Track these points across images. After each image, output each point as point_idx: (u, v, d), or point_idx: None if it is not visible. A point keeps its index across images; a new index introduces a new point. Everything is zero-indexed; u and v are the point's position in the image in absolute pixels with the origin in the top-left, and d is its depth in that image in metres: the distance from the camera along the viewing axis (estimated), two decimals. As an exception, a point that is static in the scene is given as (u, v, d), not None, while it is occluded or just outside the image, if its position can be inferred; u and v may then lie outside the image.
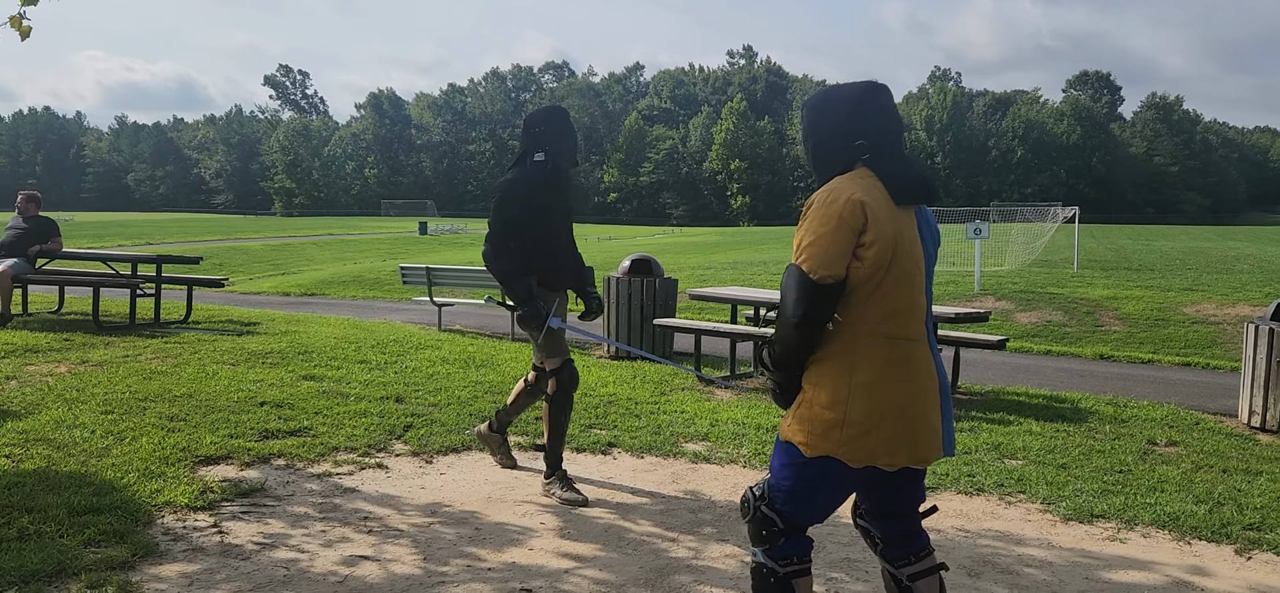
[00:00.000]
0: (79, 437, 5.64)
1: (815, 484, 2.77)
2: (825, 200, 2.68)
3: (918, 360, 2.75)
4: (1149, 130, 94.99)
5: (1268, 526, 4.79)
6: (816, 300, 2.64)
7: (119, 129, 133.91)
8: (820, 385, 2.72)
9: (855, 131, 2.78)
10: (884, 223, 2.66)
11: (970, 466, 5.77)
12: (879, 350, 2.70)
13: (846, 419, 2.68)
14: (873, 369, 2.69)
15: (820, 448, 2.71)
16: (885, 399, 2.69)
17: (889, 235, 2.66)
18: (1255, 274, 19.64)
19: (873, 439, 2.68)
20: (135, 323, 10.97)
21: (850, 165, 2.77)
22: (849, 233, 2.64)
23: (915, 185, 2.78)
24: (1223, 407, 8.27)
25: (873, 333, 2.70)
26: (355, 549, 4.16)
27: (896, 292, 2.70)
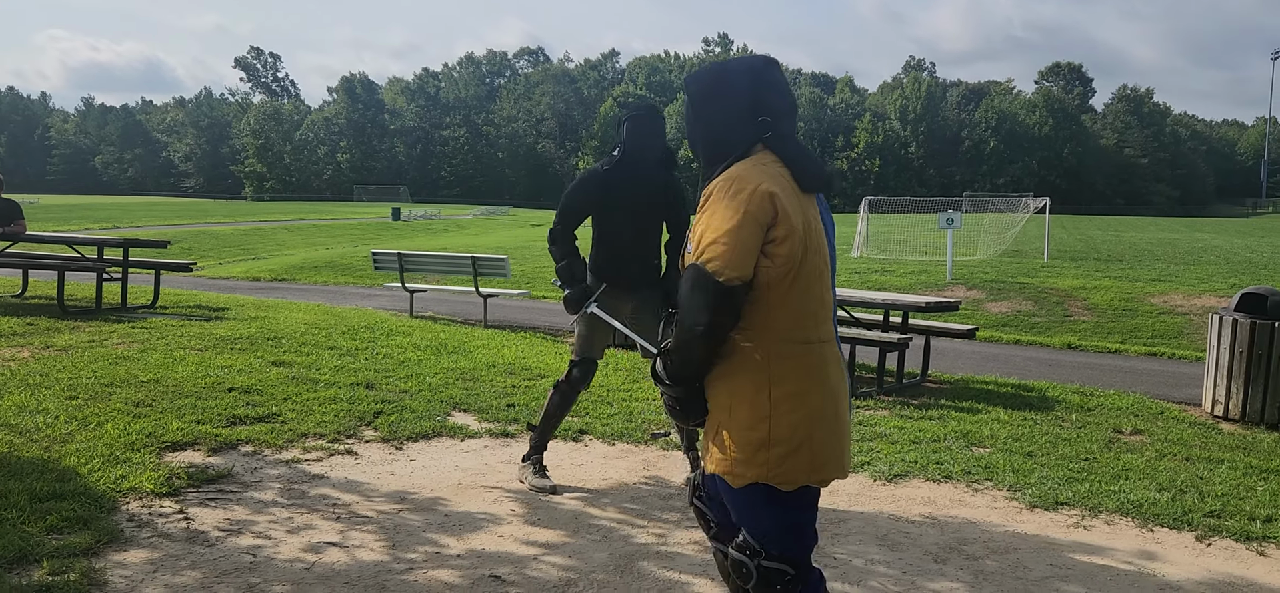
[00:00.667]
0: (42, 422, 5.57)
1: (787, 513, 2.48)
2: (729, 191, 2.36)
3: (833, 364, 2.49)
4: (1119, 122, 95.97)
5: (1228, 513, 4.87)
6: (724, 306, 2.32)
7: (86, 110, 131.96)
8: (735, 405, 2.43)
9: (758, 107, 2.48)
10: (794, 215, 2.38)
11: (939, 453, 5.82)
12: (796, 358, 2.42)
13: (772, 438, 2.40)
14: (793, 379, 2.41)
15: (747, 475, 2.42)
16: (811, 410, 2.42)
17: (799, 229, 2.38)
18: (1222, 266, 19.93)
19: (803, 456, 2.42)
20: (101, 307, 10.83)
21: (750, 147, 2.46)
22: (757, 228, 2.33)
23: (816, 170, 2.49)
24: (1187, 396, 8.39)
25: (788, 338, 2.42)
26: (322, 536, 4.14)
27: (810, 291, 2.44)
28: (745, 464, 2.41)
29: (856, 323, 8.82)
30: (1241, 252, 25.02)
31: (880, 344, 7.81)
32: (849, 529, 4.50)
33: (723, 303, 2.32)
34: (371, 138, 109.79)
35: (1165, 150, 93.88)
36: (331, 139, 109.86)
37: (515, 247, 25.57)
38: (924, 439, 6.17)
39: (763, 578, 2.49)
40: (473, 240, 31.27)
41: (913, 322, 8.88)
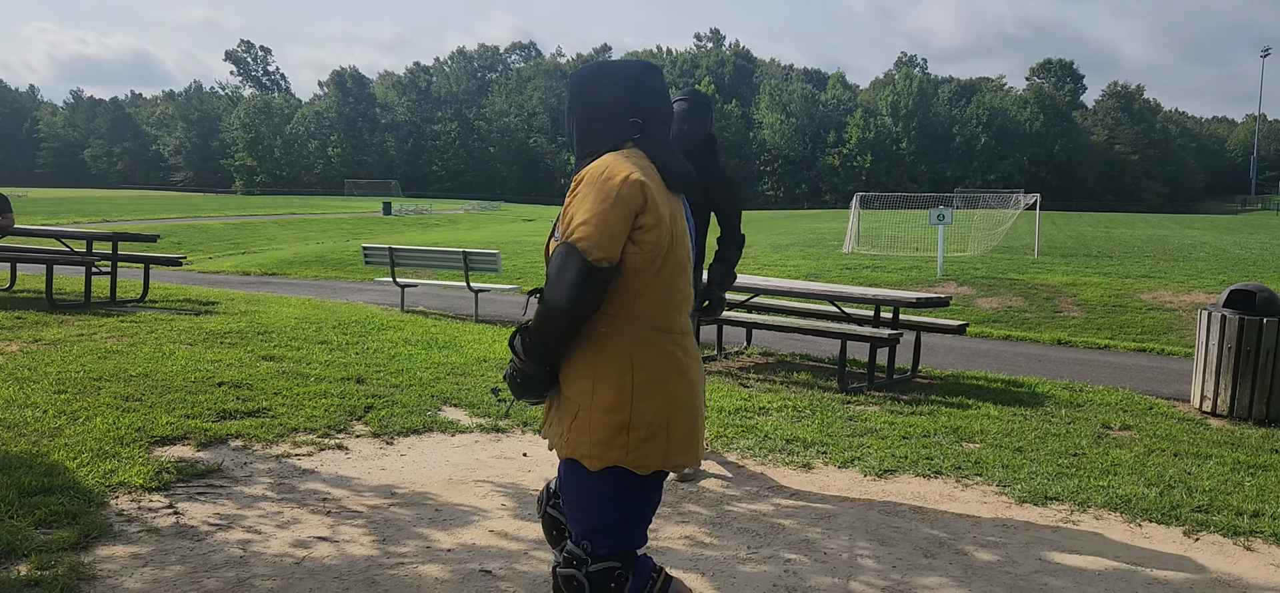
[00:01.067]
0: (31, 416, 5.54)
1: (620, 499, 2.54)
2: (601, 177, 2.43)
3: (691, 355, 2.58)
4: (1110, 119, 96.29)
5: (1215, 508, 4.89)
6: (591, 286, 2.38)
7: (75, 104, 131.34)
8: (597, 388, 2.48)
9: (631, 108, 2.59)
10: (662, 206, 2.48)
11: (928, 448, 5.84)
12: (657, 345, 2.51)
13: (633, 422, 2.46)
14: (654, 365, 2.49)
15: (606, 457, 2.47)
16: (670, 397, 2.50)
17: (666, 221, 2.48)
18: (1211, 262, 20.02)
19: (660, 441, 2.49)
20: (90, 301, 10.78)
21: (620, 143, 2.57)
22: (627, 213, 2.40)
23: (683, 172, 2.61)
24: (1176, 392, 8.43)
25: (651, 326, 2.50)
26: (311, 531, 4.13)
27: (674, 282, 2.52)
28: (605, 446, 2.47)
29: (847, 318, 8.84)
30: (1230, 248, 25.14)
31: (871, 340, 7.83)
32: (839, 524, 4.51)
33: (588, 282, 2.38)
34: (362, 132, 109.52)
35: (1155, 147, 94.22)
36: (322, 133, 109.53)
37: (507, 241, 25.53)
38: (914, 434, 6.18)
39: (594, 584, 2.54)
40: (464, 235, 31.22)
41: (903, 317, 8.90)
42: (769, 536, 4.31)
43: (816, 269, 17.66)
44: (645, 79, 2.65)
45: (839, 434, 6.14)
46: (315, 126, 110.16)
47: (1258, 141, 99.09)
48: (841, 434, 6.14)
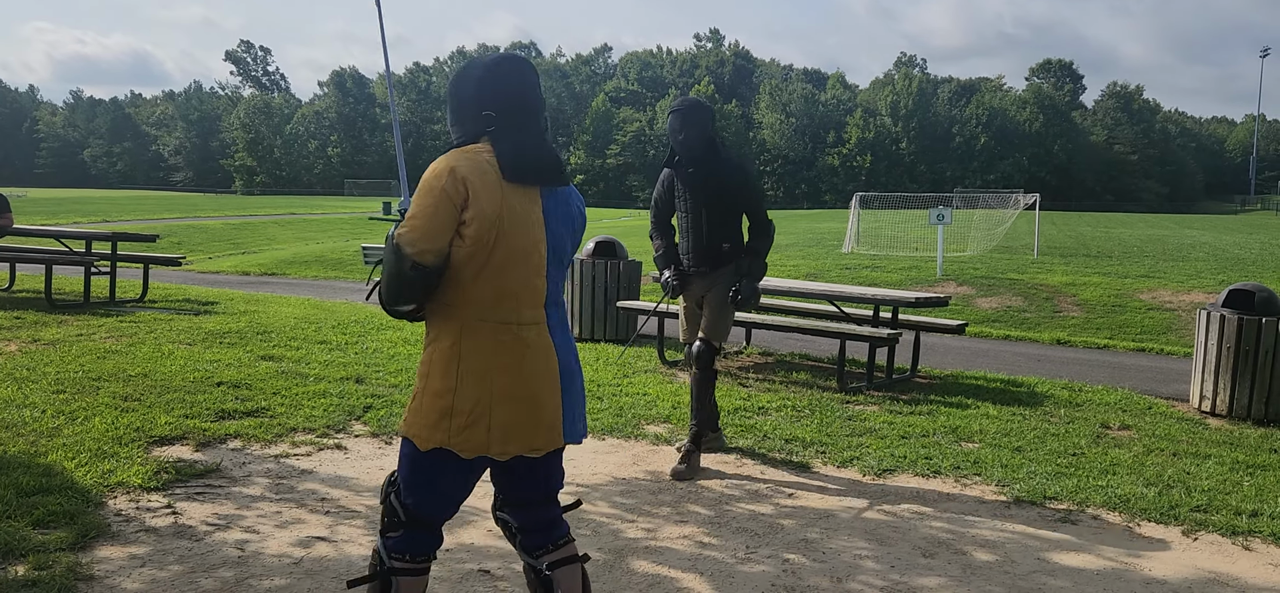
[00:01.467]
0: (29, 416, 5.54)
1: (432, 476, 2.65)
2: (431, 174, 2.56)
3: (532, 346, 2.64)
4: (1109, 119, 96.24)
5: (1214, 508, 4.89)
6: (411, 279, 2.53)
7: (74, 104, 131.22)
8: (432, 373, 2.61)
9: (483, 102, 2.66)
10: (486, 200, 2.54)
11: (928, 448, 5.84)
12: (488, 335, 2.59)
13: (455, 408, 2.57)
14: (481, 355, 2.59)
15: (433, 439, 2.59)
16: (495, 387, 2.58)
17: (491, 213, 2.54)
18: (1210, 262, 20.02)
19: (481, 429, 2.58)
20: (89, 301, 10.78)
21: (477, 136, 2.65)
22: (450, 207, 2.52)
23: (530, 164, 2.63)
24: (1175, 392, 8.43)
25: (481, 317, 2.59)
26: (310, 531, 4.13)
27: (505, 273, 2.59)
28: (432, 429, 2.59)
29: (847, 318, 8.83)
30: (1230, 248, 25.14)
31: (870, 339, 7.82)
32: (838, 524, 4.50)
33: (410, 276, 2.52)
34: (362, 132, 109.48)
35: (1155, 147, 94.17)
36: (322, 133, 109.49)
37: (506, 241, 25.52)
38: (913, 434, 6.18)
39: (386, 506, 2.73)
40: (464, 235, 31.14)
41: (903, 317, 8.89)
42: (768, 535, 4.31)
43: (816, 269, 17.66)
44: (497, 70, 2.70)
45: (838, 434, 6.13)
46: (315, 126, 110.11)
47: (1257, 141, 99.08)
48: (841, 434, 6.14)
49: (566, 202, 2.77)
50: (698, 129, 5.28)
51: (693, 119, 5.29)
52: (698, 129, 5.28)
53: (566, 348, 2.77)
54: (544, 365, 2.67)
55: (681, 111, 5.33)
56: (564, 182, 2.74)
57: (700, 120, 5.30)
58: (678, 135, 5.30)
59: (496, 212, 2.56)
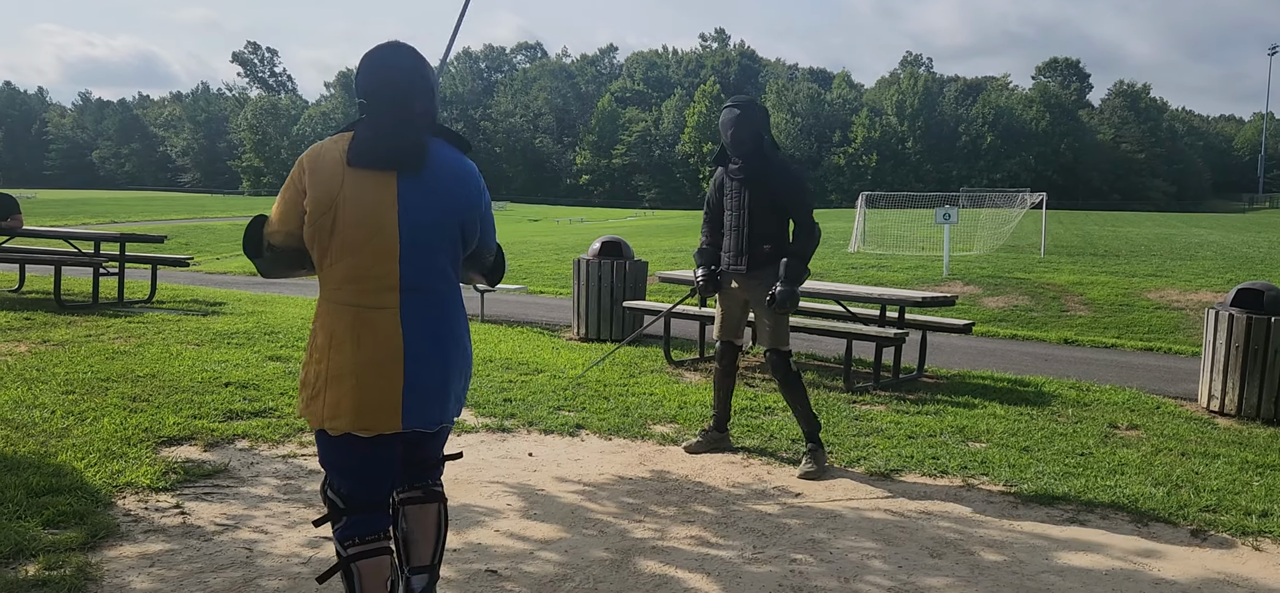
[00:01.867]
0: (39, 417, 5.56)
1: (336, 457, 2.76)
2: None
3: (376, 330, 2.68)
4: (1116, 117, 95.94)
5: (1223, 508, 4.88)
6: (269, 258, 2.79)
7: (83, 105, 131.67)
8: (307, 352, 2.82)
9: (358, 89, 2.83)
10: (323, 185, 2.65)
11: (934, 448, 5.83)
12: (335, 316, 2.70)
13: (304, 380, 2.77)
14: (325, 334, 2.72)
15: (304, 415, 2.78)
16: (331, 365, 2.69)
17: (324, 198, 2.65)
18: (1218, 261, 19.96)
19: (319, 404, 2.71)
20: (98, 302, 10.82)
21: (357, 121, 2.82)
22: (295, 192, 2.71)
23: (379, 150, 2.70)
24: (1183, 391, 8.41)
25: (331, 298, 2.72)
26: (318, 531, 4.13)
27: (346, 257, 2.68)
28: (302, 405, 2.79)
29: (853, 318, 8.82)
30: (1238, 247, 25.05)
31: (876, 339, 7.82)
32: (845, 524, 4.50)
33: (267, 255, 2.82)
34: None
35: (1162, 146, 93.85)
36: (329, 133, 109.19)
37: (513, 242, 25.56)
38: (920, 434, 6.18)
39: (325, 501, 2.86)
40: (470, 235, 31.18)
41: (909, 317, 8.88)
42: (775, 535, 4.31)
43: (822, 269, 17.64)
44: (370, 59, 2.81)
45: (845, 434, 6.13)
46: (322, 127, 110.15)
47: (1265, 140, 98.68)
48: (847, 434, 6.13)
49: (433, 187, 2.77)
50: (748, 128, 5.30)
51: (744, 119, 5.30)
52: (748, 128, 5.30)
53: (432, 333, 2.78)
54: (384, 350, 2.69)
55: (729, 109, 5.36)
56: (415, 168, 2.74)
57: (751, 120, 5.31)
58: (727, 132, 5.33)
59: (331, 197, 2.66)
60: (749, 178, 5.36)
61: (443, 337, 2.81)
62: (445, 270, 2.81)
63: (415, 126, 2.78)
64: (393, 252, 2.70)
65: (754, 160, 5.34)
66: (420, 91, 2.80)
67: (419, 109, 2.79)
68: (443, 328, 2.81)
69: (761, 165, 5.34)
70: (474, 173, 2.88)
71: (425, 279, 2.76)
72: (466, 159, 2.90)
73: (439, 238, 2.77)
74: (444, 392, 2.83)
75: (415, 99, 2.79)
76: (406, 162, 2.72)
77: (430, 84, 2.86)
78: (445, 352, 2.81)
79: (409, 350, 2.73)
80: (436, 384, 2.80)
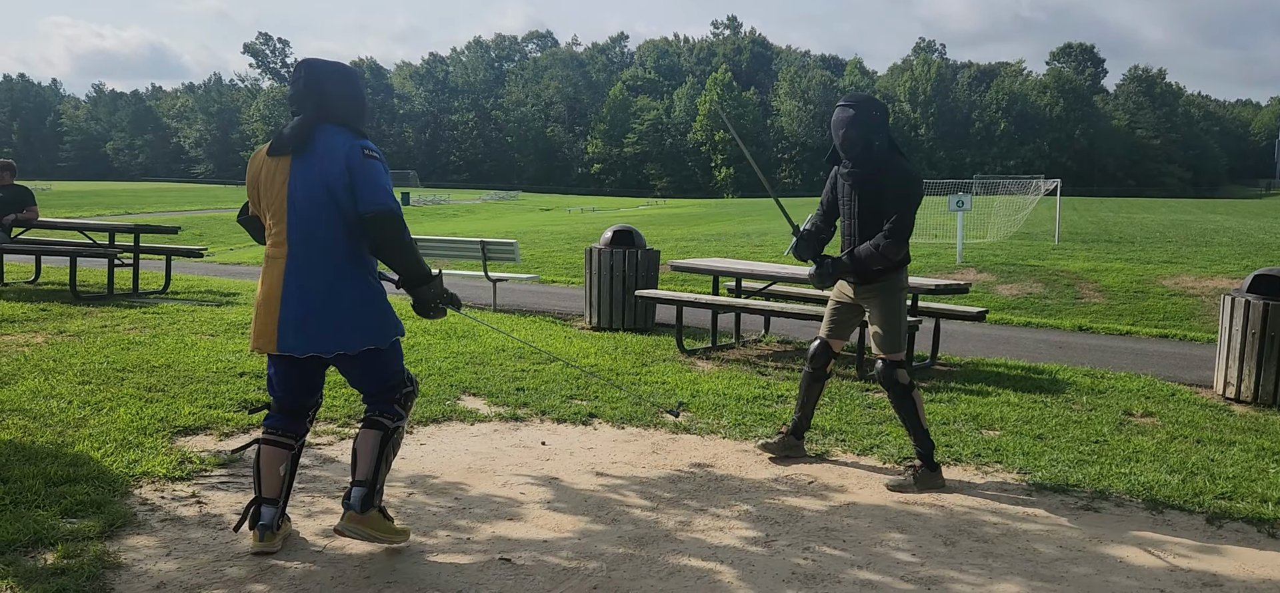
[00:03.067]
0: (56, 407, 5.61)
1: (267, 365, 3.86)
2: None
3: (271, 274, 3.65)
4: (1131, 103, 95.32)
5: (1239, 495, 4.85)
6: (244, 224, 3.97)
7: (96, 97, 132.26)
8: None
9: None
10: (252, 175, 3.75)
11: (948, 436, 5.81)
12: (265, 263, 3.70)
13: None
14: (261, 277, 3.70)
15: None
16: (257, 300, 3.69)
17: (251, 180, 3.76)
18: (1234, 247, 19.82)
19: (251, 330, 3.71)
20: (113, 293, 10.88)
21: None
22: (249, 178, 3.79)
23: (275, 142, 3.67)
24: (1199, 378, 8.36)
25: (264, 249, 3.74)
26: (333, 519, 4.15)
27: (266, 221, 3.72)
28: None
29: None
30: (1254, 233, 24.87)
31: (890, 327, 7.79)
32: (859, 511, 4.50)
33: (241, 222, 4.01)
34: (380, 123, 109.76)
35: (1177, 131, 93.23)
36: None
37: (524, 231, 25.58)
38: (933, 422, 6.15)
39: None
40: (482, 225, 31.29)
41: (922, 304, 8.85)
42: (788, 523, 4.31)
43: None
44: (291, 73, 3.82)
45: (858, 422, 6.12)
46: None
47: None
48: (860, 422, 6.13)
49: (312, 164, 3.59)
50: (859, 130, 4.93)
51: (856, 120, 4.93)
52: (859, 130, 4.93)
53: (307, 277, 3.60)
54: (272, 289, 3.63)
55: (845, 110, 5.00)
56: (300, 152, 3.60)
57: (864, 121, 4.93)
58: (838, 133, 4.99)
59: (254, 179, 3.74)
60: (859, 182, 5.02)
61: (315, 280, 3.59)
62: (326, 229, 3.59)
63: (305, 123, 3.62)
64: (280, 215, 3.62)
65: (865, 164, 4.97)
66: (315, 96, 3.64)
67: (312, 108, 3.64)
68: (317, 273, 3.60)
69: (873, 170, 4.96)
70: (344, 148, 3.58)
71: (308, 236, 3.60)
72: (347, 139, 3.61)
73: (316, 202, 3.58)
74: (309, 326, 3.59)
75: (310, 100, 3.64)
76: (288, 149, 3.62)
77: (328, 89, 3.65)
78: (314, 293, 3.60)
79: (286, 290, 3.60)
80: (303, 318, 3.59)
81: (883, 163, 4.97)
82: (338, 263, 3.60)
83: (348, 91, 3.70)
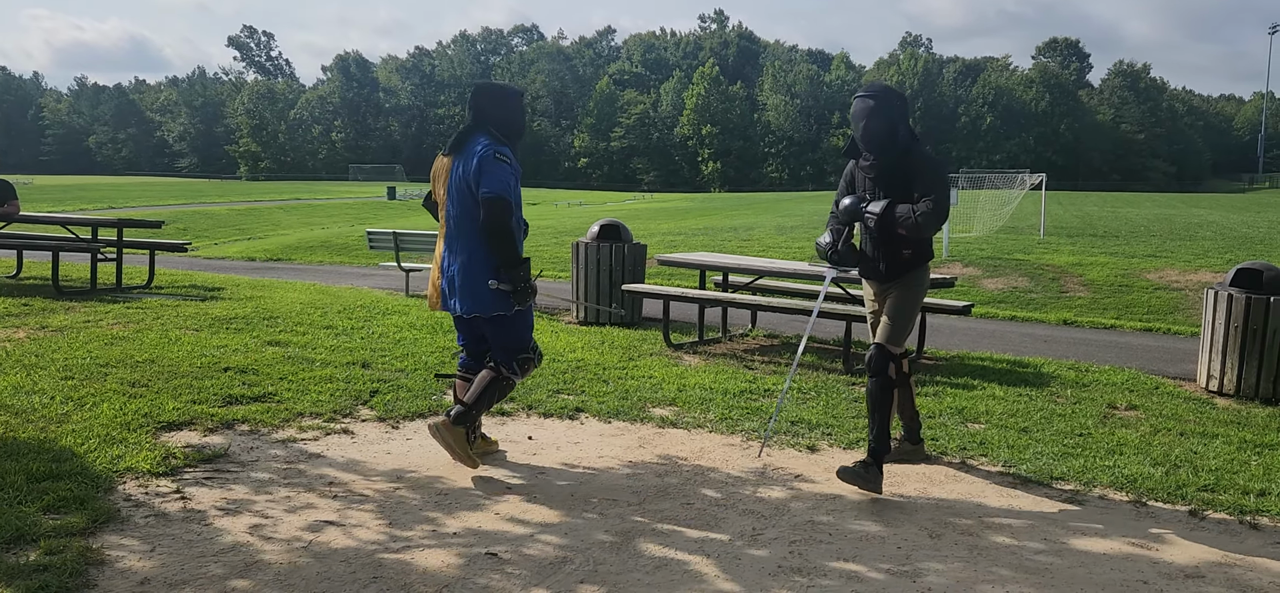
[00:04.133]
0: (38, 403, 5.56)
1: None
2: None
3: (437, 249, 4.83)
4: (1116, 98, 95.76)
5: (1221, 487, 4.89)
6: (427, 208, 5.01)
7: (79, 91, 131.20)
8: None
9: None
10: (434, 167, 4.89)
11: (933, 429, 5.83)
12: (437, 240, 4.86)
13: None
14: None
15: None
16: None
17: (433, 173, 4.88)
18: (1217, 241, 19.95)
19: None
20: (96, 288, 10.81)
21: None
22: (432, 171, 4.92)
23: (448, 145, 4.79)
24: (1182, 371, 8.41)
25: None
26: (319, 515, 4.14)
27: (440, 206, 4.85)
28: None
29: (852, 299, 8.82)
30: (1238, 227, 25.04)
31: (876, 321, 7.81)
32: (845, 504, 4.51)
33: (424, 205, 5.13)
34: (366, 117, 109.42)
35: (1162, 126, 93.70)
36: (326, 118, 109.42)
37: (511, 225, 25.48)
38: (919, 415, 6.17)
39: None
40: (469, 219, 31.11)
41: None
42: (774, 517, 4.32)
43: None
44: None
45: (844, 416, 6.14)
46: (319, 112, 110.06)
47: (1265, 119, 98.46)
48: (846, 416, 6.14)
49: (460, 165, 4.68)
50: (882, 120, 4.71)
51: (878, 110, 4.72)
52: (882, 120, 4.71)
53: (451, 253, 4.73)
54: (435, 261, 4.82)
55: (865, 100, 4.79)
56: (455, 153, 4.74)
57: (886, 112, 4.72)
58: (859, 125, 4.78)
59: (434, 173, 4.88)
60: (883, 176, 4.79)
61: (458, 256, 4.69)
62: (467, 216, 4.64)
63: (465, 131, 4.72)
64: (444, 203, 4.79)
65: (889, 156, 4.76)
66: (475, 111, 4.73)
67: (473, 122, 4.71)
68: (459, 251, 4.69)
69: (898, 162, 4.74)
70: (482, 149, 4.60)
71: (456, 220, 4.70)
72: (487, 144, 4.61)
73: (461, 193, 4.66)
74: (455, 292, 4.70)
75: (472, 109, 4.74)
76: (453, 150, 4.76)
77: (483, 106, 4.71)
78: (457, 267, 4.69)
79: (443, 263, 4.76)
80: (450, 286, 4.73)
81: (912, 155, 4.76)
82: (475, 244, 4.62)
83: (501, 110, 4.71)
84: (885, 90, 4.84)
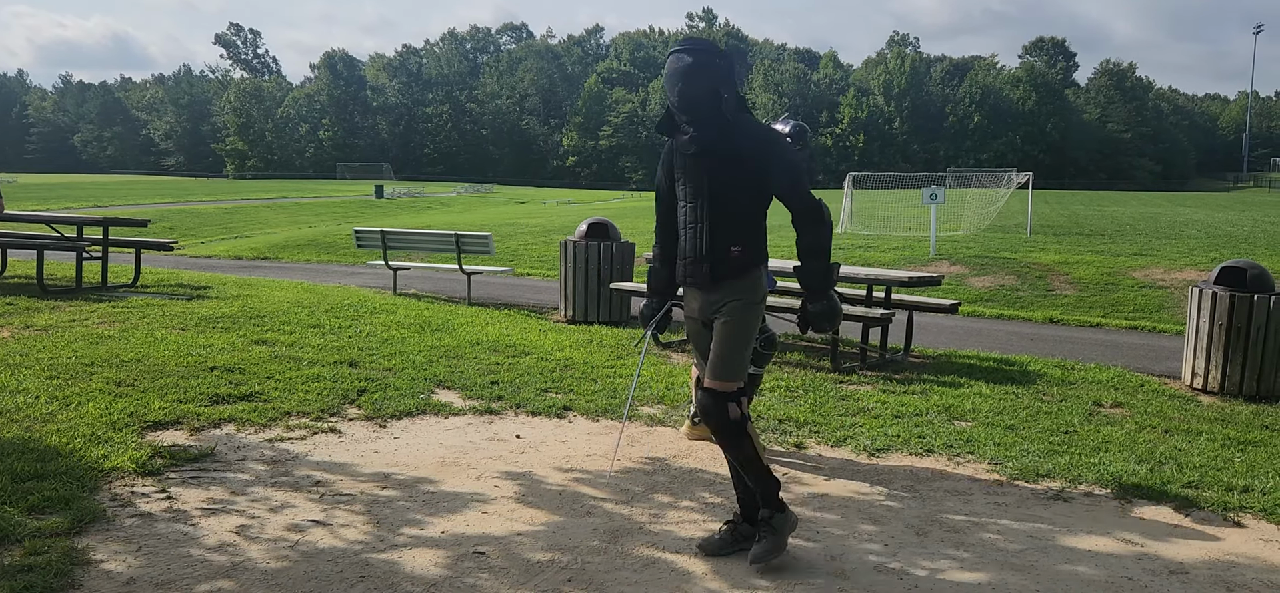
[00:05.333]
0: (23, 402, 5.53)
1: None
2: None
3: None
4: (1102, 97, 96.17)
5: (1206, 484, 4.92)
6: None
7: (63, 89, 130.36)
8: None
9: None
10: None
11: (921, 427, 5.85)
12: None
13: None
14: None
15: None
16: None
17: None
18: (1202, 239, 20.07)
19: None
20: (82, 287, 10.74)
21: None
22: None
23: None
24: (1167, 369, 8.46)
25: None
26: (305, 515, 4.13)
27: None
28: None
29: (840, 298, 8.84)
30: (1222, 226, 25.19)
31: (863, 319, 7.84)
32: (831, 503, 4.52)
33: None
34: (354, 115, 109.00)
35: (1147, 125, 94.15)
36: (313, 116, 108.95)
37: (499, 224, 25.49)
38: (906, 414, 6.20)
39: None
40: (456, 218, 31.15)
41: (896, 297, 8.90)
42: (762, 515, 4.31)
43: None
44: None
45: (831, 414, 6.15)
46: (306, 110, 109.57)
47: (1250, 118, 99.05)
48: (834, 414, 6.16)
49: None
50: (702, 82, 3.69)
51: (695, 70, 3.70)
52: (702, 82, 3.69)
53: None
54: None
55: (680, 57, 3.75)
56: None
57: (706, 71, 3.70)
58: (674, 89, 3.74)
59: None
60: (706, 151, 3.76)
61: None
62: None
63: None
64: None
65: (711, 127, 3.73)
66: None
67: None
68: None
69: (724, 132, 3.73)
70: None
71: None
72: None
73: None
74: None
75: None
76: None
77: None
78: None
79: None
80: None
81: (739, 125, 3.75)
82: None
83: None
84: (706, 45, 3.79)
